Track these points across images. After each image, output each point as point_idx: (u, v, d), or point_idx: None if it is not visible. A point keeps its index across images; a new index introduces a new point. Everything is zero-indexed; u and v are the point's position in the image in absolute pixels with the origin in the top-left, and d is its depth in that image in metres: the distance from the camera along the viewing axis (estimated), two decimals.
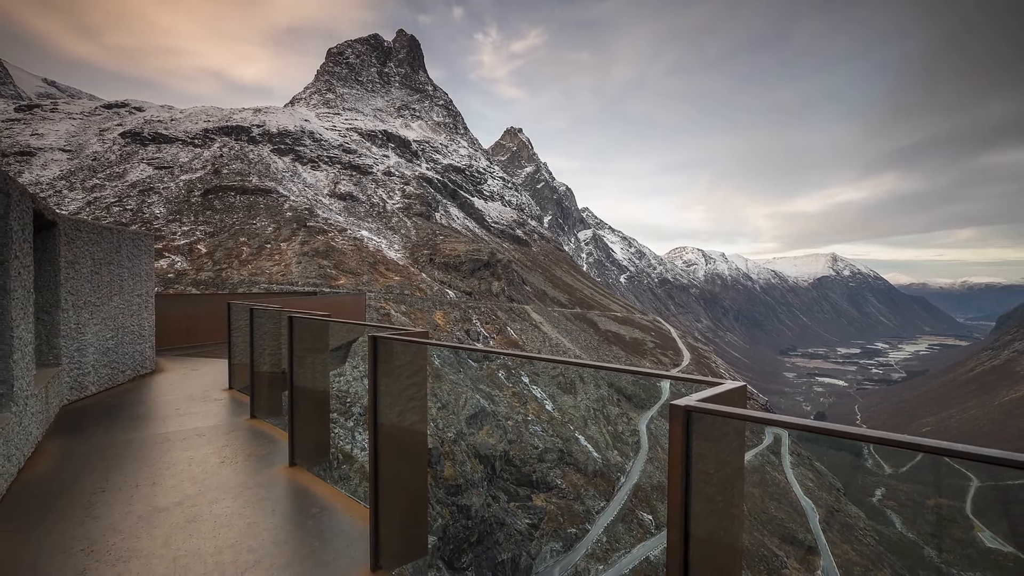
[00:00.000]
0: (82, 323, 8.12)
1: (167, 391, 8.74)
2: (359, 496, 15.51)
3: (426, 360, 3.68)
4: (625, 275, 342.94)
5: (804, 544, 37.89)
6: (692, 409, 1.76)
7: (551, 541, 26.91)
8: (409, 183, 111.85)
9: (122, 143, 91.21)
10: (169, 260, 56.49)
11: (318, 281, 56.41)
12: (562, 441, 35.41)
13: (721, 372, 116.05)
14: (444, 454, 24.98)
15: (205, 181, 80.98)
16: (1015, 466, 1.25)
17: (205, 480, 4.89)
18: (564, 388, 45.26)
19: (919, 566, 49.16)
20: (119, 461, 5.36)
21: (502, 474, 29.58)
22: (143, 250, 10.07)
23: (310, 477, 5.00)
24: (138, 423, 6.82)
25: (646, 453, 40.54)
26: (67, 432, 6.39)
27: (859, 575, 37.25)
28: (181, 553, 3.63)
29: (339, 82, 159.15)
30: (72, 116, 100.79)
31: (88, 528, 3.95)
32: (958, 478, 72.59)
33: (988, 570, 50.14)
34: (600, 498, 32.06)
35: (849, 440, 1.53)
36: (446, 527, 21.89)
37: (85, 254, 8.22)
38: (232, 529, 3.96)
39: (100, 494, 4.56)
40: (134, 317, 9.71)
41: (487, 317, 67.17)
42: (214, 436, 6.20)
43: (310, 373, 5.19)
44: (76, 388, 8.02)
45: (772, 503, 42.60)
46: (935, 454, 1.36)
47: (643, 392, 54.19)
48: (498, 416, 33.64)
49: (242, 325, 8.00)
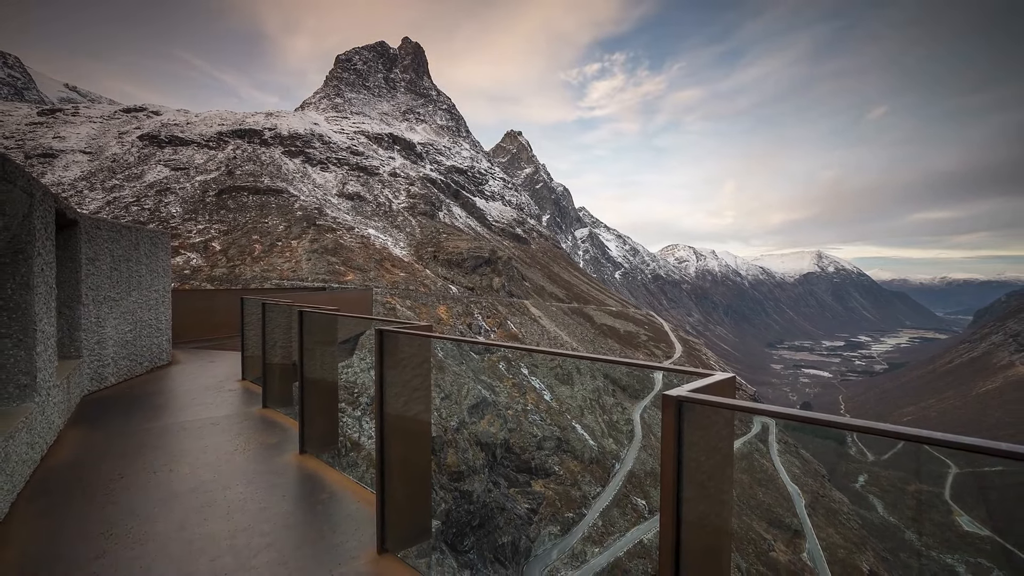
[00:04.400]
0: (102, 317, 8.12)
1: (183, 382, 8.74)
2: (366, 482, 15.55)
3: (430, 352, 3.67)
4: (620, 271, 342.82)
5: (791, 528, 37.98)
6: (684, 399, 1.77)
7: (549, 525, 26.99)
8: (414, 183, 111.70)
9: (140, 145, 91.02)
10: (185, 257, 56.45)
11: (327, 277, 56.36)
12: (560, 430, 35.48)
13: (711, 364, 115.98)
14: (447, 442, 25.04)
15: (219, 182, 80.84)
16: (992, 453, 1.25)
17: (219, 467, 4.89)
18: (562, 379, 45.30)
19: (900, 549, 49.36)
20: (137, 449, 5.37)
21: (502, 461, 29.64)
22: (160, 248, 10.06)
23: (319, 464, 5.01)
24: (155, 412, 6.83)
25: (640, 441, 40.59)
26: (88, 421, 6.40)
27: (843, 557, 37.33)
28: (196, 536, 3.63)
29: (347, 87, 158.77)
30: (92, 120, 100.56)
31: (108, 512, 3.96)
32: (937, 465, 72.80)
33: (966, 552, 50.29)
34: (596, 484, 32.13)
35: (833, 429, 1.53)
36: (449, 512, 21.96)
37: (105, 251, 8.21)
38: (245, 514, 3.97)
39: (119, 480, 4.57)
40: (152, 311, 9.70)
41: (488, 311, 67.16)
42: (228, 425, 6.20)
43: (319, 365, 5.19)
44: (96, 379, 8.03)
45: (760, 489, 42.68)
46: (915, 442, 1.36)
47: (637, 383, 54.25)
48: (499, 406, 33.69)
49: (255, 319, 8.00)
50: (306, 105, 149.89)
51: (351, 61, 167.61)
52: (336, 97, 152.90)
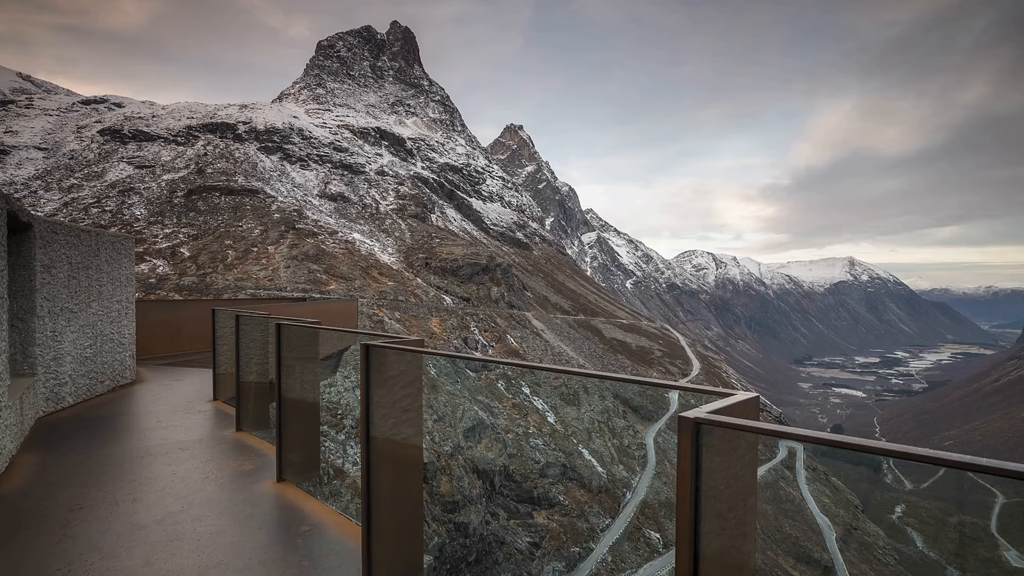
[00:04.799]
0: (58, 331, 8.12)
1: (149, 402, 8.73)
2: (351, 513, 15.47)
3: (421, 370, 3.68)
4: (631, 280, 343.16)
5: (820, 564, 37.78)
6: (702, 421, 1.77)
7: (553, 561, 26.84)
8: (403, 183, 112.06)
9: (101, 141, 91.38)
10: (150, 264, 56.51)
11: (307, 286, 56.41)
12: (565, 455, 35.37)
13: (732, 382, 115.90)
14: (441, 469, 24.96)
15: (188, 181, 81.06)
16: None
17: (188, 496, 4.88)
18: (567, 399, 45.22)
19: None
20: (98, 476, 5.35)
21: (502, 490, 29.52)
22: (123, 254, 10.06)
23: (299, 493, 5.00)
24: (118, 436, 6.81)
25: (653, 468, 40.48)
26: (43, 446, 6.38)
27: None
28: (163, 573, 3.62)
29: (329, 76, 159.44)
30: (48, 112, 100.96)
31: (65, 547, 3.94)
32: (982, 494, 72.41)
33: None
34: (605, 515, 32.00)
35: (867, 454, 1.53)
36: (443, 546, 21.85)
37: (62, 258, 8.22)
38: (217, 548, 3.96)
39: (78, 511, 4.55)
40: (113, 324, 9.70)
41: (486, 324, 67.17)
42: (198, 450, 6.19)
43: (299, 383, 5.19)
44: (52, 399, 8.02)
45: (786, 520, 42.49)
46: (958, 468, 1.36)
47: (650, 403, 54.16)
48: (497, 429, 33.59)
49: (227, 333, 8.00)
50: (284, 96, 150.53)
51: (334, 47, 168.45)
52: (317, 87, 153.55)
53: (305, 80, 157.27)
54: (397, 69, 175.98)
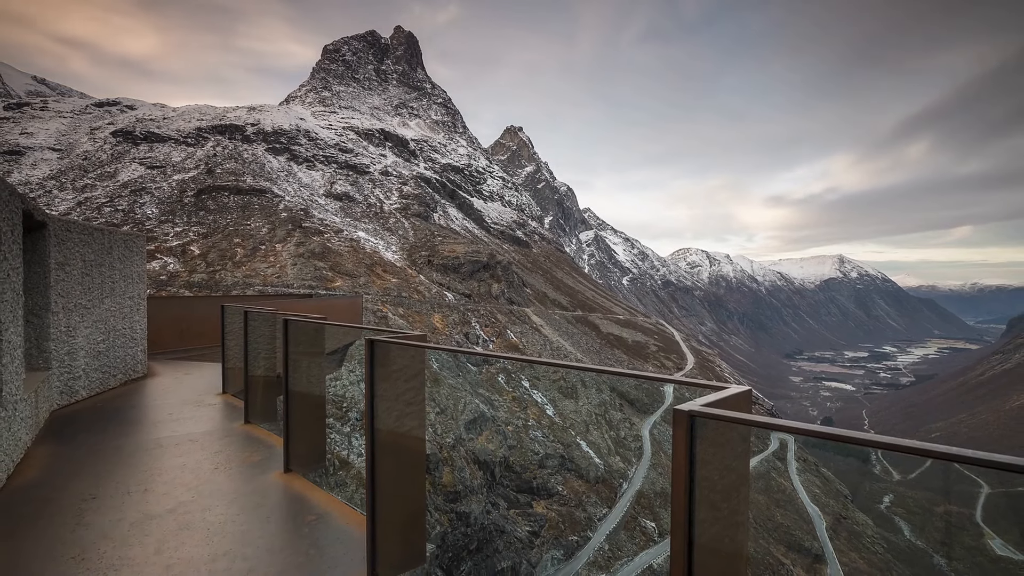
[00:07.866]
0: (72, 326, 8.12)
1: (159, 396, 8.73)
2: (356, 503, 15.47)
3: (424, 364, 3.68)
4: (628, 277, 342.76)
5: (811, 552, 37.82)
6: (696, 414, 1.77)
7: (552, 549, 26.87)
8: (407, 183, 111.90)
9: (113, 142, 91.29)
10: (161, 262, 56.47)
11: (314, 283, 56.38)
12: (563, 447, 35.38)
13: (726, 376, 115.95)
14: (443, 460, 24.97)
15: (198, 181, 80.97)
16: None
17: (198, 487, 4.88)
18: (565, 392, 45.23)
19: (928, 575, 49.10)
20: (110, 467, 5.36)
21: (502, 480, 29.53)
22: (135, 251, 10.06)
23: (306, 483, 5.00)
24: (130, 428, 6.82)
25: (649, 459, 40.49)
26: (57, 438, 6.39)
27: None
28: (174, 561, 3.62)
29: (335, 80, 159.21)
30: (62, 115, 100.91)
31: (79, 535, 3.94)
32: (968, 484, 72.44)
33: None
34: (602, 505, 32.02)
35: (856, 446, 1.53)
36: (445, 534, 21.86)
37: (75, 256, 8.22)
38: (226, 537, 3.96)
39: (91, 501, 4.56)
40: (125, 320, 9.70)
41: (486, 320, 67.16)
42: (207, 442, 6.19)
43: (305, 377, 5.19)
44: (66, 392, 8.02)
45: (778, 510, 42.53)
46: (945, 460, 1.36)
47: (646, 396, 54.15)
48: (498, 421, 33.59)
49: (236, 328, 8.00)
50: (291, 99, 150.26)
51: (339, 51, 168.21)
52: (323, 90, 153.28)
53: (311, 83, 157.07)
54: (400, 73, 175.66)
